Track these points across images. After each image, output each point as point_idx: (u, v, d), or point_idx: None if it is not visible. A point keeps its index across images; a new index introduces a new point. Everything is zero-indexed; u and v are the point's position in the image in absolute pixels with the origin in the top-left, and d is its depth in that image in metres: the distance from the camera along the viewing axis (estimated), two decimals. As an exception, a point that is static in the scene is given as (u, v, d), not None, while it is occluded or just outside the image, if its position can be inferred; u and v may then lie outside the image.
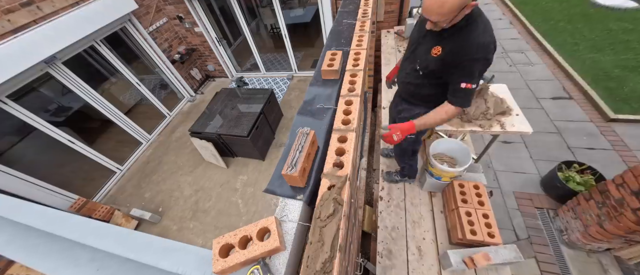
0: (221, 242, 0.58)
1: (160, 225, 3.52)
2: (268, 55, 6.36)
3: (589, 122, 3.55)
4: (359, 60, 1.19)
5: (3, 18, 2.88)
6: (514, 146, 3.48)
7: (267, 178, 3.74)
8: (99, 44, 3.97)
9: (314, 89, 1.14)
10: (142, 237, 0.75)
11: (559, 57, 4.59)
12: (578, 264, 2.37)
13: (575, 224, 2.36)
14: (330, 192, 0.66)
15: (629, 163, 3.00)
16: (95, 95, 4.02)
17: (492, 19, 6.34)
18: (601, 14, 5.51)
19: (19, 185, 3.17)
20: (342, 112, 0.92)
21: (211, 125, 3.81)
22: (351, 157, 0.76)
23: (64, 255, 0.77)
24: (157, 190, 3.97)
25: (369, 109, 3.55)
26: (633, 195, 1.86)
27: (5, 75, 2.90)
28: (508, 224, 2.76)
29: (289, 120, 4.63)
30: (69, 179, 3.98)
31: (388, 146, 2.46)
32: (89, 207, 3.34)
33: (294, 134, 0.84)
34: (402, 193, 2.04)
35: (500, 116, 2.04)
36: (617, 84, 3.85)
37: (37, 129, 3.42)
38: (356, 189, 1.32)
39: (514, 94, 1.85)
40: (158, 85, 5.80)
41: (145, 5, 4.52)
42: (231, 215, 3.42)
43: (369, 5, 1.75)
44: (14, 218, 0.89)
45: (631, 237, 2.02)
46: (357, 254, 1.53)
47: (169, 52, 5.17)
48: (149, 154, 4.68)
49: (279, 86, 5.59)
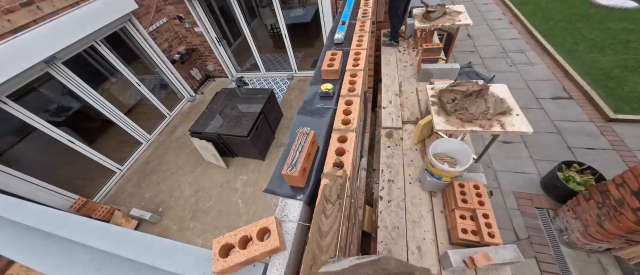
0: (221, 242, 0.58)
1: (160, 225, 3.52)
2: (268, 55, 6.37)
3: (589, 122, 3.55)
4: (359, 60, 1.19)
5: (3, 18, 2.88)
6: (514, 146, 3.48)
7: (267, 178, 3.74)
8: (99, 44, 3.98)
9: (314, 89, 1.14)
10: (142, 237, 0.75)
11: (559, 57, 4.59)
12: (578, 264, 2.37)
13: (575, 224, 2.36)
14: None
15: (629, 163, 3.00)
16: (95, 95, 4.02)
17: (492, 19, 6.34)
18: (601, 14, 5.51)
19: (19, 185, 3.17)
20: (342, 112, 0.92)
21: (211, 125, 3.81)
22: (351, 157, 0.76)
23: (64, 255, 0.77)
24: (157, 190, 3.97)
25: (369, 109, 3.55)
26: (633, 195, 1.86)
27: (6, 75, 2.90)
28: (508, 224, 2.76)
29: (289, 120, 4.63)
30: (69, 179, 3.98)
31: (387, 38, 3.38)
32: (89, 207, 3.34)
33: (294, 134, 0.83)
34: (402, 193, 2.04)
35: (500, 116, 2.03)
36: (617, 84, 3.85)
37: (37, 129, 3.42)
38: (356, 189, 1.32)
39: (514, 94, 1.85)
40: (158, 85, 5.80)
41: (145, 5, 4.52)
42: (231, 215, 3.42)
43: (369, 5, 1.75)
44: (14, 218, 0.89)
45: (631, 237, 2.02)
46: (357, 254, 1.53)
47: (169, 52, 5.18)
48: (149, 154, 4.68)
49: (279, 86, 5.59)
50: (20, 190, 3.14)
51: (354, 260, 0.47)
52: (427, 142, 2.25)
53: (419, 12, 2.93)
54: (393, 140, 2.41)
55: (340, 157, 0.76)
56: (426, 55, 2.59)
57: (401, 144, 2.29)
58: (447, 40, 3.75)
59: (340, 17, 1.69)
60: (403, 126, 2.42)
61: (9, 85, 3.04)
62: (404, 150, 2.24)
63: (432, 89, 1.96)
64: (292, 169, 0.70)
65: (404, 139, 2.32)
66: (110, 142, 4.90)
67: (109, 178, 4.24)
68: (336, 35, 1.43)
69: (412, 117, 2.48)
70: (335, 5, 4.03)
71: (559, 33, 5.22)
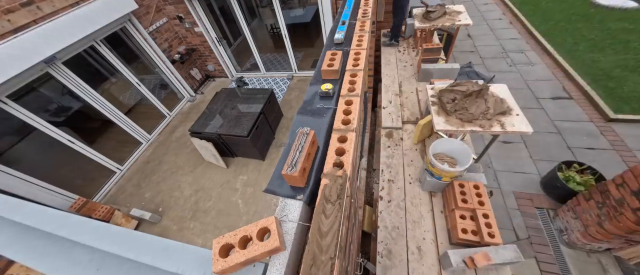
0: (221, 242, 0.58)
1: (160, 225, 3.52)
2: (268, 55, 6.36)
3: (589, 122, 3.55)
4: (359, 60, 1.19)
5: (3, 18, 2.88)
6: (514, 146, 3.48)
7: (267, 178, 3.74)
8: (99, 44, 3.97)
9: (314, 89, 1.14)
10: (142, 237, 0.75)
11: (559, 57, 4.59)
12: (578, 264, 2.37)
13: (575, 224, 2.36)
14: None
15: (629, 163, 3.00)
16: (95, 95, 4.02)
17: (492, 19, 6.34)
18: (601, 14, 5.51)
19: (19, 185, 3.17)
20: (342, 112, 0.92)
21: (211, 125, 3.81)
22: (351, 157, 0.76)
23: (64, 255, 0.77)
24: (157, 190, 3.97)
25: (369, 109, 3.55)
26: (633, 195, 1.86)
27: (6, 75, 2.90)
28: (508, 224, 2.76)
29: (289, 120, 4.63)
30: (69, 179, 3.98)
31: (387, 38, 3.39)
32: (89, 207, 3.34)
33: (294, 134, 0.83)
34: (402, 193, 2.04)
35: (500, 116, 2.03)
36: (617, 84, 3.85)
37: (37, 129, 3.42)
38: (356, 189, 1.32)
39: (514, 94, 1.85)
40: (158, 85, 5.80)
41: (145, 5, 4.52)
42: (231, 215, 3.42)
43: (369, 5, 1.75)
44: (14, 218, 0.89)
45: (631, 237, 2.02)
46: (357, 254, 1.53)
47: (169, 52, 5.17)
48: (149, 154, 4.67)
49: (279, 86, 5.59)
50: (20, 190, 3.14)
51: None
52: (427, 142, 2.25)
53: (419, 12, 2.94)
54: (393, 140, 2.41)
55: (340, 157, 0.76)
56: (426, 55, 2.59)
57: (401, 144, 2.29)
58: (447, 40, 3.75)
59: (340, 17, 1.69)
60: (403, 126, 2.42)
61: (9, 85, 3.04)
62: (404, 150, 2.24)
63: (432, 89, 1.96)
64: (292, 169, 0.70)
65: (404, 139, 2.32)
66: (110, 142, 4.90)
67: (109, 178, 4.24)
68: (336, 35, 1.43)
69: (412, 117, 2.48)
70: (335, 5, 4.03)
71: (559, 33, 5.22)
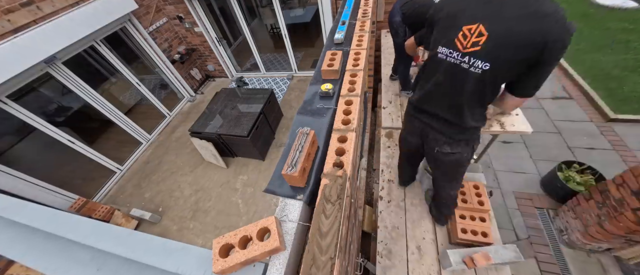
0: (221, 242, 0.58)
1: (160, 225, 3.52)
2: (268, 55, 6.36)
3: (589, 122, 3.55)
4: (359, 60, 1.19)
5: (3, 18, 2.88)
6: (514, 146, 3.48)
7: (267, 178, 3.74)
8: (99, 44, 3.97)
9: (314, 89, 1.14)
10: (142, 237, 0.75)
11: (559, 57, 4.59)
12: (578, 264, 2.37)
13: (575, 223, 2.36)
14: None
15: (629, 163, 3.00)
16: (95, 95, 4.02)
17: (492, 19, 6.33)
18: (601, 14, 5.51)
19: (19, 185, 3.17)
20: (342, 112, 0.92)
21: (211, 125, 3.81)
22: (351, 157, 0.76)
23: (64, 255, 0.77)
24: (157, 190, 3.97)
25: (369, 109, 3.55)
26: (633, 195, 1.86)
27: (5, 75, 2.90)
28: (508, 224, 2.76)
29: (289, 120, 4.63)
30: (69, 179, 3.98)
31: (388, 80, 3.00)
32: (89, 207, 3.34)
33: (294, 133, 0.83)
34: (402, 193, 2.04)
35: (500, 116, 2.04)
36: (617, 84, 3.85)
37: (37, 129, 3.41)
38: (356, 189, 1.32)
39: (514, 94, 1.86)
40: (158, 85, 5.81)
41: (145, 5, 4.52)
42: (231, 215, 3.42)
43: (369, 5, 1.75)
44: (14, 218, 0.89)
45: (631, 237, 2.03)
46: (357, 254, 1.53)
47: (169, 52, 5.17)
48: (149, 154, 4.67)
49: (279, 86, 5.59)
50: (20, 190, 3.14)
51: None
52: (427, 142, 2.25)
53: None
54: (393, 140, 2.41)
55: (340, 157, 0.76)
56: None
57: (401, 144, 2.28)
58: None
59: (340, 17, 1.69)
60: (403, 126, 2.41)
61: (9, 85, 3.03)
62: (404, 150, 2.24)
63: (432, 89, 1.95)
64: (292, 169, 0.70)
65: (404, 139, 2.31)
66: (110, 142, 4.90)
67: (109, 178, 4.24)
68: (336, 35, 1.43)
69: (412, 117, 2.47)
70: (335, 5, 4.03)
71: (559, 33, 5.22)
